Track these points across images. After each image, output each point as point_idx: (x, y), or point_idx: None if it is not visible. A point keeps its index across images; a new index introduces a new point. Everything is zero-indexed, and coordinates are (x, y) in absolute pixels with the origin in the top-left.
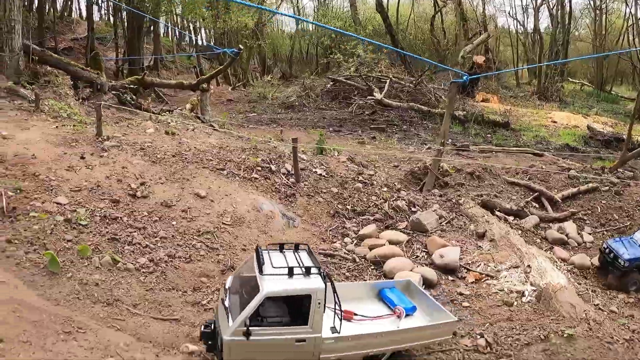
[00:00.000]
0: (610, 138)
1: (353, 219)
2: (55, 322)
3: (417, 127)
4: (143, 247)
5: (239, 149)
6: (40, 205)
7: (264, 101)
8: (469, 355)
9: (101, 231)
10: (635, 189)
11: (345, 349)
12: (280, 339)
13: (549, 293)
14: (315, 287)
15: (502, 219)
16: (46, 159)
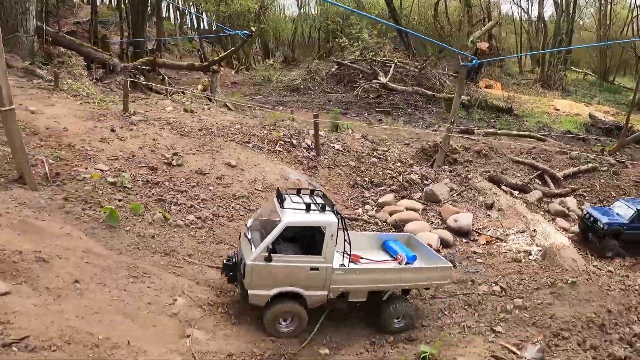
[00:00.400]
0: (611, 126)
1: (371, 190)
2: (122, 267)
3: (421, 111)
4: (188, 207)
5: (259, 126)
6: (83, 170)
7: (269, 84)
8: (487, 298)
9: (147, 193)
10: (632, 169)
11: (352, 282)
12: (296, 266)
13: (553, 251)
14: (329, 220)
15: (508, 193)
16: (78, 131)
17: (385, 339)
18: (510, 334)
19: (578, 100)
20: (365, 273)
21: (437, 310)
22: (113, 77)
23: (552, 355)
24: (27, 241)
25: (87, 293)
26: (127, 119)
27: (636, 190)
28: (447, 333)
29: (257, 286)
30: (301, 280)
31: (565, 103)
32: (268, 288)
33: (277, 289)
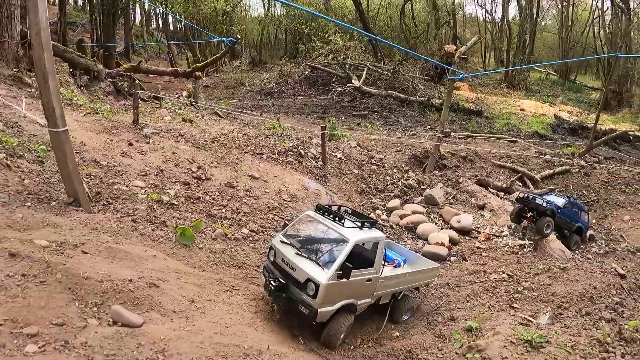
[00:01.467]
0: (575, 126)
1: (377, 195)
2: (213, 283)
3: (396, 114)
4: (237, 221)
5: (262, 135)
6: (125, 189)
7: (241, 87)
8: (499, 284)
9: (194, 209)
10: (601, 171)
11: (386, 287)
12: (357, 280)
13: (543, 244)
14: (381, 236)
15: (495, 194)
16: (96, 146)
17: (435, 319)
18: (525, 308)
19: (542, 101)
20: (395, 278)
21: (465, 295)
22: (97, 83)
23: (558, 320)
24: (125, 268)
25: (207, 311)
26: (139, 131)
27: (604, 188)
28: (478, 312)
29: (325, 303)
30: (358, 292)
31: (531, 103)
32: (333, 304)
33: (340, 303)
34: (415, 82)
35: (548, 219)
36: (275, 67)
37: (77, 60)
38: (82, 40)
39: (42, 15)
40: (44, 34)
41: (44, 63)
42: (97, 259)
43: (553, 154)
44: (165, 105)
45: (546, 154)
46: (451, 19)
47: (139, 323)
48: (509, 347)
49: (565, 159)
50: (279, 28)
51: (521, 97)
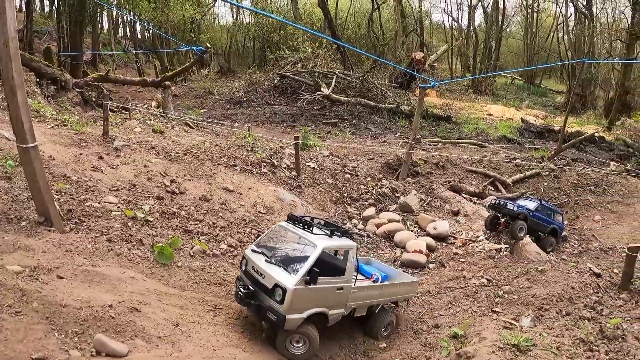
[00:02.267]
0: (542, 130)
1: (352, 204)
2: (196, 304)
3: (366, 122)
4: (215, 236)
5: (234, 146)
6: (98, 205)
7: (210, 97)
8: (480, 289)
9: (170, 225)
10: (570, 173)
11: (361, 298)
12: (327, 287)
13: (519, 247)
14: (352, 244)
15: (468, 200)
16: (66, 160)
17: (420, 327)
18: (507, 312)
19: (509, 105)
20: (371, 290)
21: (447, 302)
22: (64, 93)
23: (540, 322)
24: (103, 292)
25: (192, 334)
26: (109, 144)
27: (574, 190)
28: (461, 318)
29: (294, 310)
30: (329, 300)
31: (498, 108)
32: (302, 311)
33: (308, 311)
34: (384, 90)
35: (521, 223)
36: (244, 75)
37: (44, 70)
38: (49, 49)
39: (10, 24)
40: (12, 44)
41: (11, 75)
42: (74, 283)
43: (523, 158)
44: (134, 116)
45: (516, 158)
46: (418, 27)
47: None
48: (497, 352)
49: (535, 162)
50: (247, 36)
51: (488, 102)
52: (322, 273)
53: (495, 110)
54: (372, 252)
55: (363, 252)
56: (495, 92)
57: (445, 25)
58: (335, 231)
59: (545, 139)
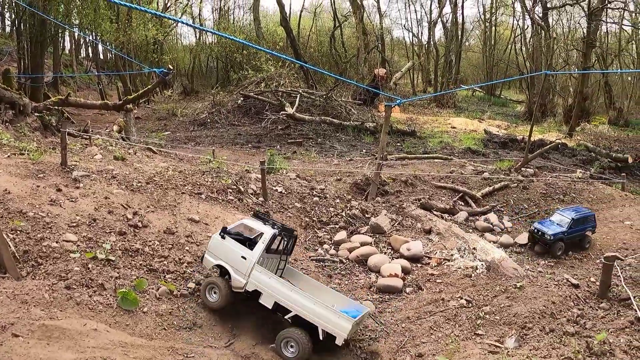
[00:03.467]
0: (505, 140)
1: (322, 229)
2: (165, 354)
3: (331, 140)
4: (182, 274)
5: (199, 172)
6: (55, 245)
7: (174, 118)
8: (460, 311)
9: (134, 264)
10: (538, 183)
11: (265, 284)
12: (233, 249)
13: (495, 264)
14: (267, 231)
15: (439, 217)
16: (21, 193)
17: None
18: (490, 334)
19: (471, 117)
20: (274, 280)
21: (428, 328)
22: (23, 118)
23: (525, 342)
24: (64, 349)
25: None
26: (67, 174)
27: (544, 200)
28: (444, 344)
29: (210, 254)
30: (234, 261)
31: (460, 121)
32: (215, 258)
33: (218, 261)
34: (349, 107)
35: (559, 245)
36: (207, 96)
37: (2, 94)
38: (8, 71)
39: None
40: None
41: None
42: (31, 342)
43: (491, 171)
44: (95, 141)
45: (484, 171)
46: (380, 44)
47: None
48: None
49: (503, 174)
50: (210, 56)
51: (451, 114)
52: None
53: (458, 123)
54: (347, 278)
55: (337, 279)
56: (457, 105)
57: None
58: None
59: (509, 148)
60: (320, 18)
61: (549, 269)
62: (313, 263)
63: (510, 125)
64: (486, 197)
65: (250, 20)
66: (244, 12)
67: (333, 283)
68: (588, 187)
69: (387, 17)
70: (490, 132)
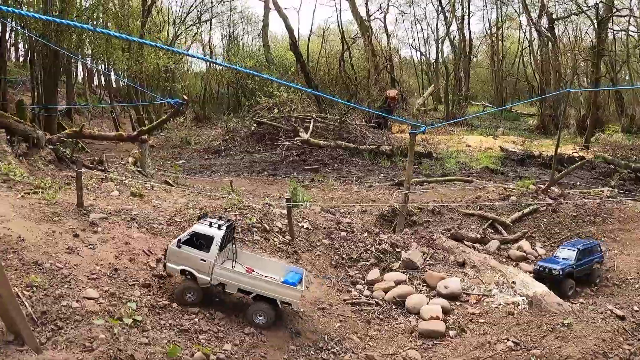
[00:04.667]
0: (523, 156)
1: (353, 267)
2: None
3: (348, 165)
4: (215, 332)
5: (220, 209)
6: (76, 305)
7: (187, 146)
8: (509, 355)
9: (163, 324)
10: (567, 205)
11: (226, 277)
12: (192, 255)
13: (538, 299)
14: (217, 233)
15: (470, 247)
16: (36, 240)
17: None
18: None
19: (485, 134)
20: (233, 273)
21: None
22: (37, 151)
23: None
24: None
25: None
26: (84, 217)
27: (575, 222)
28: None
29: (171, 262)
30: (195, 265)
31: (475, 138)
32: (177, 264)
33: (181, 266)
34: (363, 131)
35: (569, 282)
36: (219, 122)
37: (15, 126)
38: (22, 102)
39: None
40: None
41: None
42: None
43: (518, 194)
44: (111, 174)
45: (511, 195)
46: (389, 64)
47: None
48: None
49: (530, 197)
50: (221, 82)
51: (464, 132)
52: (192, 245)
53: (473, 141)
54: (386, 323)
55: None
56: (469, 122)
57: (414, 60)
58: (213, 223)
59: (527, 165)
60: (328, 41)
61: (590, 299)
62: (348, 307)
63: (525, 140)
64: (516, 223)
65: (259, 45)
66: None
67: (372, 329)
68: (618, 205)
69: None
70: (507, 149)
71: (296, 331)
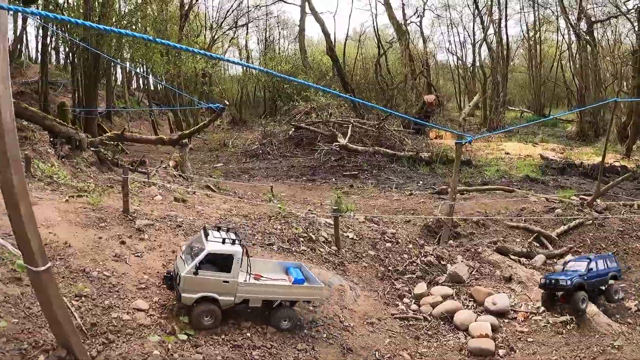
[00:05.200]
0: (563, 165)
1: (399, 279)
2: None
3: (386, 171)
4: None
5: (265, 217)
6: (127, 318)
7: (225, 149)
8: None
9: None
10: (614, 219)
11: (251, 292)
12: (214, 279)
13: (587, 318)
14: (236, 250)
15: (516, 261)
16: (82, 246)
17: None
18: None
19: (524, 141)
20: (259, 286)
21: None
22: (79, 153)
23: None
24: None
25: None
26: (130, 223)
27: (621, 238)
28: None
29: (187, 291)
30: (217, 289)
31: (513, 145)
32: (194, 293)
33: (200, 293)
34: (402, 137)
35: (581, 294)
36: (256, 126)
37: (58, 129)
38: (64, 104)
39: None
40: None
41: (10, 180)
42: None
43: (563, 207)
44: (152, 178)
45: (556, 208)
46: (425, 69)
47: None
48: None
49: (575, 210)
50: (257, 86)
51: (502, 139)
52: (212, 269)
53: (511, 148)
54: (435, 339)
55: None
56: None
57: (450, 64)
58: (226, 239)
59: (567, 174)
60: (364, 45)
61: (637, 319)
62: (397, 322)
63: (565, 148)
64: (561, 237)
65: (294, 50)
66: (289, 42)
67: (422, 346)
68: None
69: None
70: (547, 157)
71: (348, 347)
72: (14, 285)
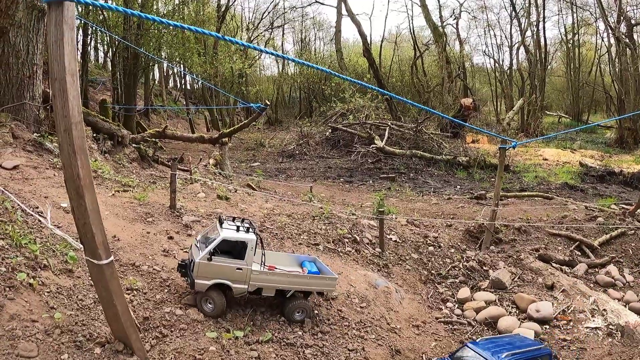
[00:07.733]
0: (603, 172)
1: (442, 283)
2: None
3: (423, 175)
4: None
5: (309, 217)
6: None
7: (262, 149)
8: None
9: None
10: None
11: (264, 280)
12: (228, 265)
13: (630, 329)
14: (250, 238)
15: (558, 270)
16: (131, 240)
17: None
18: None
19: (562, 147)
20: (272, 275)
21: None
22: (121, 149)
23: None
24: None
25: None
26: (177, 219)
27: None
28: None
29: (200, 277)
30: (230, 275)
31: (552, 152)
32: (207, 279)
33: (213, 280)
34: (440, 140)
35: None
36: (291, 126)
37: (101, 125)
38: (105, 101)
39: (73, 106)
40: (77, 132)
41: (76, 171)
42: None
43: (605, 215)
44: (194, 175)
45: (598, 216)
46: (462, 72)
47: None
48: None
49: (618, 219)
50: (293, 86)
51: (540, 145)
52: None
53: (549, 154)
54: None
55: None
56: (544, 134)
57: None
58: (240, 227)
59: (607, 182)
60: (400, 47)
61: None
62: (441, 325)
63: (604, 155)
64: (603, 246)
65: (330, 52)
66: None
67: None
68: None
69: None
70: (587, 164)
71: (396, 349)
72: (66, 277)
